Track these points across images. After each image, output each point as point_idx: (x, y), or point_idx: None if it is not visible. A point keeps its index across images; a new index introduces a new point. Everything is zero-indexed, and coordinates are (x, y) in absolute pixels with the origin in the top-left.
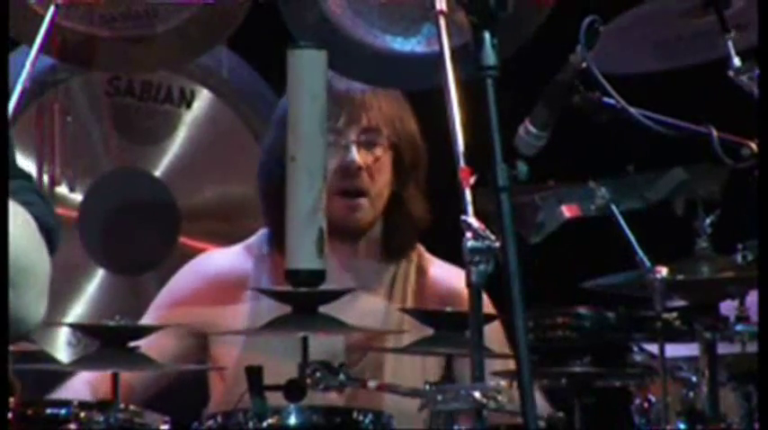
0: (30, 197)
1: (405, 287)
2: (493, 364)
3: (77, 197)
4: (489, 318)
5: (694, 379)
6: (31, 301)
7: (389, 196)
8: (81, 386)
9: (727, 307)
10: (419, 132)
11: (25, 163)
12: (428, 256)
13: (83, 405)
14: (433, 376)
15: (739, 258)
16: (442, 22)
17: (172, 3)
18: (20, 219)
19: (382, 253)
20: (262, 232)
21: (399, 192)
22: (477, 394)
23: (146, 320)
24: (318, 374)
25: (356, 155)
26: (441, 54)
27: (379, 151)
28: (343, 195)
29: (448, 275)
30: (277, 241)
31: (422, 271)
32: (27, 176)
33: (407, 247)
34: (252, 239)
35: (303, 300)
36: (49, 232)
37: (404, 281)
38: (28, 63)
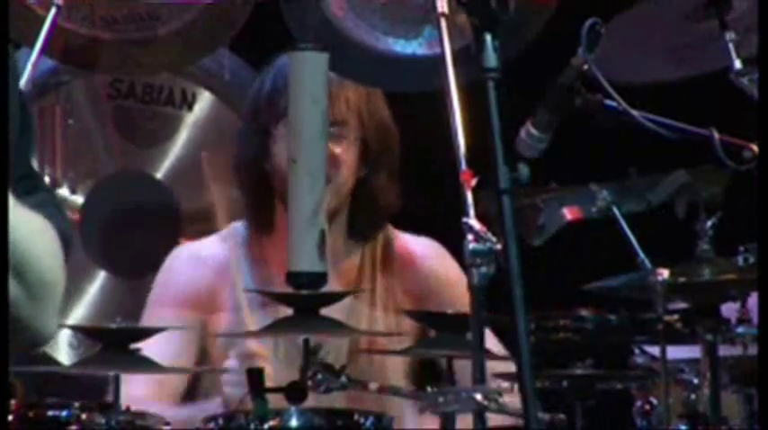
0: (52, 210)
1: (373, 266)
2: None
3: (78, 199)
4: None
5: (696, 381)
6: (49, 314)
7: (357, 182)
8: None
9: (729, 309)
10: (389, 117)
11: None
12: (392, 230)
13: (84, 407)
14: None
15: (740, 261)
16: (444, 24)
17: (173, 3)
18: (47, 235)
19: (348, 237)
20: (233, 225)
21: (368, 179)
22: (478, 396)
23: (146, 316)
24: (320, 376)
25: None
26: (442, 56)
27: (344, 143)
28: None
29: (414, 244)
30: (253, 219)
31: (388, 244)
32: (48, 189)
33: (373, 232)
34: (225, 230)
35: (305, 302)
36: (67, 243)
37: (372, 260)
38: (29, 65)
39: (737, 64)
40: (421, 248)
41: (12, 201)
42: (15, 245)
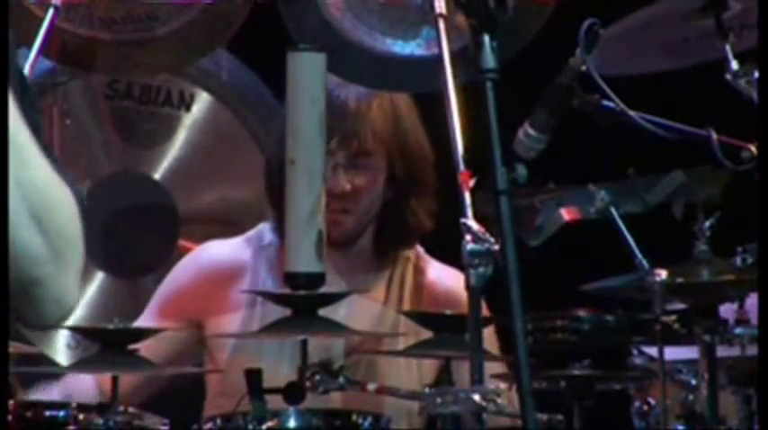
0: (63, 177)
1: (401, 288)
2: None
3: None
4: (486, 322)
5: (694, 382)
6: (71, 279)
7: (384, 205)
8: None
9: (728, 310)
10: (421, 142)
11: None
12: (426, 257)
13: (81, 407)
14: (428, 378)
15: (739, 261)
16: (442, 24)
17: (171, 3)
18: (66, 189)
19: (373, 253)
20: (262, 225)
21: (395, 202)
22: (476, 397)
23: (146, 314)
24: (318, 377)
25: (343, 180)
26: (440, 57)
27: (368, 174)
28: (326, 210)
29: (446, 277)
30: (282, 236)
31: (419, 272)
32: (56, 159)
33: (399, 250)
34: (252, 232)
35: (302, 302)
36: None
37: (400, 282)
38: (27, 66)
39: (734, 65)
40: (454, 284)
41: (33, 147)
42: (37, 191)
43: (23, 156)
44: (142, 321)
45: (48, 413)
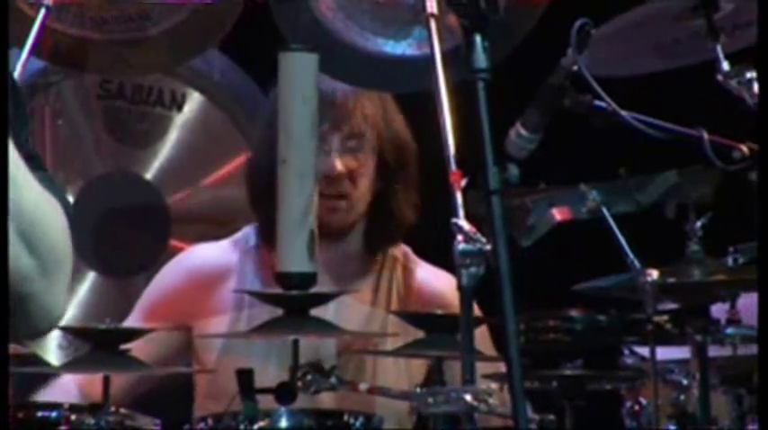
0: (54, 191)
1: (389, 290)
2: (481, 368)
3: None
4: (477, 322)
5: (685, 382)
6: (60, 292)
7: (373, 195)
8: (69, 384)
9: (719, 310)
10: (407, 131)
11: None
12: (414, 258)
13: (73, 408)
14: (418, 378)
15: (730, 261)
16: (433, 24)
17: (164, 3)
18: (57, 208)
19: (363, 251)
20: (248, 228)
21: (384, 192)
22: (468, 397)
23: (132, 316)
24: (309, 377)
25: (337, 162)
26: (431, 57)
27: (362, 157)
28: (322, 197)
29: (434, 278)
30: (265, 238)
31: (408, 273)
32: (47, 172)
33: (388, 244)
34: (238, 235)
35: (294, 302)
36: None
37: (388, 284)
38: (19, 65)
39: (726, 65)
40: (442, 286)
41: (21, 167)
42: (25, 211)
43: (11, 176)
44: (128, 324)
45: (40, 413)
